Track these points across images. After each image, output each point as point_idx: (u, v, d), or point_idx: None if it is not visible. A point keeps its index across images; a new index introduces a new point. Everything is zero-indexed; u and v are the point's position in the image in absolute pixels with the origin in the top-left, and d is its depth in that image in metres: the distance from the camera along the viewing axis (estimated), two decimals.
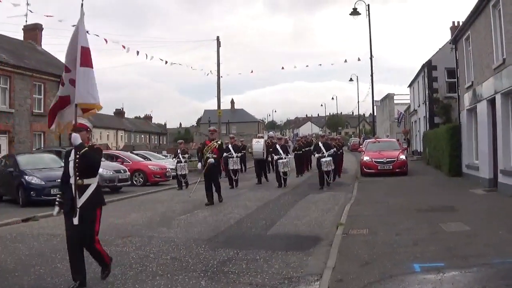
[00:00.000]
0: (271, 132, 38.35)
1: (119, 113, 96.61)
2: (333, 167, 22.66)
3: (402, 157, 27.11)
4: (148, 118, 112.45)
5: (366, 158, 27.52)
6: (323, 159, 21.86)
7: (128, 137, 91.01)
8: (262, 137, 26.44)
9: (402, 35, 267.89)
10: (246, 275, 8.10)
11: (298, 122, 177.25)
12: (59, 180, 18.01)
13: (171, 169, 27.59)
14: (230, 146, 25.32)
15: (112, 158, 28.18)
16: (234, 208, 16.54)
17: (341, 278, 7.46)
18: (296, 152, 30.43)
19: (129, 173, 24.75)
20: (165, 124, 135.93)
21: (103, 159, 25.63)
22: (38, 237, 11.96)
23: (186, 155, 25.43)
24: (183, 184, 24.75)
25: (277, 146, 24.35)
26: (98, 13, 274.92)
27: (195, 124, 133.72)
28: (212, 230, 12.36)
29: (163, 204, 18.50)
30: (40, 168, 19.52)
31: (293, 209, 15.85)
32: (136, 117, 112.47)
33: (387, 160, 26.58)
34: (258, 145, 26.41)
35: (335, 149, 24.06)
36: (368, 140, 34.54)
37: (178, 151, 25.62)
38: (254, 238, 11.45)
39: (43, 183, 18.43)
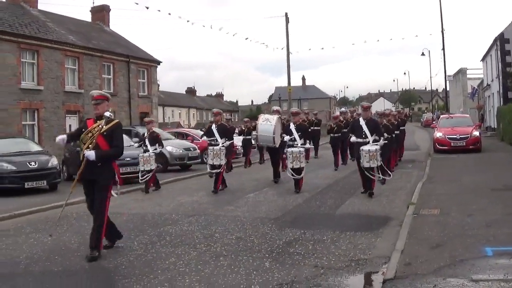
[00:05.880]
0: (343, 108, 35.09)
1: (191, 91, 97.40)
2: (379, 163, 13.66)
3: (476, 133, 26.29)
4: (219, 96, 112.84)
5: (439, 134, 26.86)
6: (364, 148, 13.54)
7: (200, 115, 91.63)
8: (278, 112, 17.63)
9: (473, 8, 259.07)
10: (312, 256, 7.93)
11: (370, 98, 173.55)
12: (128, 159, 18.67)
13: (240, 146, 26.85)
14: (214, 127, 16.47)
15: (182, 136, 28.61)
16: (303, 186, 16.15)
17: (410, 262, 7.20)
18: (332, 134, 22.49)
19: (199, 151, 24.75)
20: (236, 102, 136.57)
21: (173, 137, 26.01)
22: None
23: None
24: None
25: (291, 126, 15.75)
26: None
27: (267, 101, 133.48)
28: (280, 209, 12.22)
29: (232, 181, 18.37)
30: None
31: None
32: (208, 95, 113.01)
33: (460, 136, 25.82)
34: (265, 126, 16.14)
35: (385, 134, 15.08)
36: (442, 116, 33.71)
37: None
38: (322, 217, 11.24)
39: None
